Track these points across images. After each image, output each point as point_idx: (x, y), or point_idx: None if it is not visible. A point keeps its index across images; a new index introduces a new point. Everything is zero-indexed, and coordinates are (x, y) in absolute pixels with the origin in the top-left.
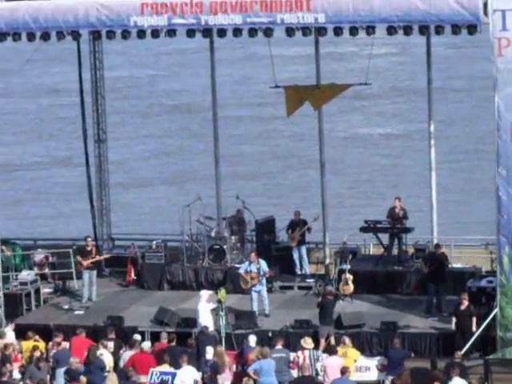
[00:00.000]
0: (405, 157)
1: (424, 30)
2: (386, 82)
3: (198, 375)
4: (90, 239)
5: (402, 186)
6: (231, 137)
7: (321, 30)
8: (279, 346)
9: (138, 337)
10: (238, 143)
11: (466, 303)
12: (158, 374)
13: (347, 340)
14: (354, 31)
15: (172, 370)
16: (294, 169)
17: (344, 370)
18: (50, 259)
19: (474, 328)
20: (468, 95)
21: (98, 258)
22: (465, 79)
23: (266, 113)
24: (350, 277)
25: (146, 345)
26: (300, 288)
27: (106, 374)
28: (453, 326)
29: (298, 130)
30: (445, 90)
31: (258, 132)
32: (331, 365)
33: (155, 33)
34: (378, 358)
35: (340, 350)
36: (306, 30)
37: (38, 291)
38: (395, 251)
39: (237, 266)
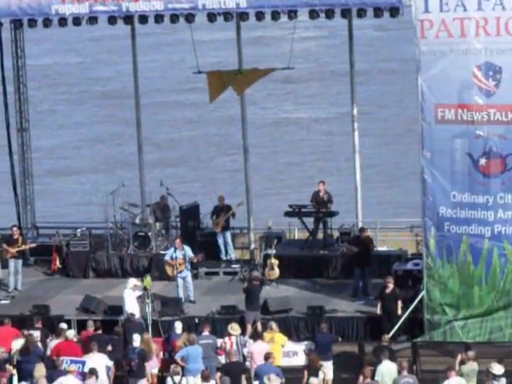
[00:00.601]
0: (335, 140)
1: (346, 13)
2: (316, 65)
3: (110, 362)
4: (15, 228)
5: (332, 170)
6: (161, 122)
7: (242, 15)
8: (206, 333)
9: (64, 325)
10: (168, 129)
11: (390, 286)
12: (69, 362)
13: (274, 325)
14: (275, 15)
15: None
16: (224, 154)
17: (267, 356)
18: None
19: (399, 311)
20: (398, 77)
21: (24, 246)
22: (394, 61)
23: (196, 98)
24: (275, 262)
25: (71, 333)
26: (225, 274)
27: None
28: (378, 310)
29: (228, 115)
30: (374, 73)
31: (188, 117)
32: (257, 351)
33: (76, 20)
34: (306, 342)
35: (267, 335)
36: (227, 15)
37: None
38: (320, 235)
39: (162, 252)
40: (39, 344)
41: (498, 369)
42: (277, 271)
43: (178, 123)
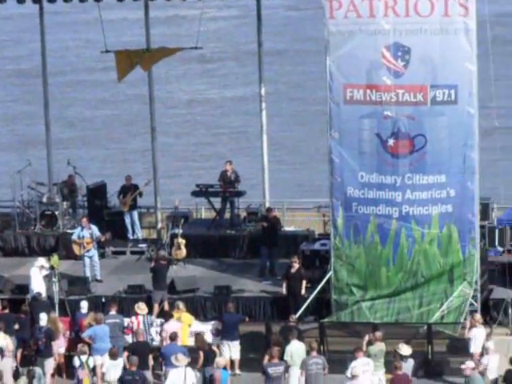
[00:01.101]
0: (249, 119)
1: None
2: (230, 44)
3: (10, 341)
4: None
5: (244, 150)
6: (74, 101)
7: None
8: (113, 312)
9: None
10: (81, 108)
11: (296, 266)
12: None
13: (181, 305)
14: None
15: None
16: (136, 133)
17: (173, 336)
18: None
19: (303, 291)
20: (312, 57)
21: None
22: (309, 41)
23: (109, 77)
24: (182, 241)
25: None
26: (132, 253)
27: None
28: (284, 290)
29: (141, 94)
30: (288, 53)
31: (101, 97)
32: (169, 330)
33: None
34: (213, 322)
35: (174, 314)
36: None
37: None
38: (227, 215)
39: (69, 231)
40: None
41: (405, 350)
42: (184, 251)
43: (92, 102)
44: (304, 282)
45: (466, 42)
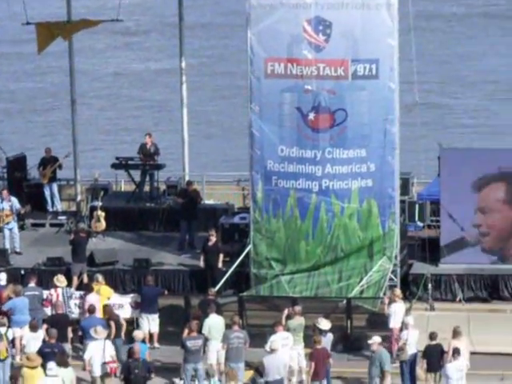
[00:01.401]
0: (173, 92)
1: None
2: (155, 17)
3: None
4: None
5: (167, 122)
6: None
7: None
8: (32, 284)
9: None
10: (5, 82)
11: (213, 239)
12: None
13: (100, 277)
14: None
15: None
16: (62, 106)
17: (92, 309)
18: None
19: (220, 264)
20: (236, 30)
21: None
22: (233, 15)
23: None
24: (101, 214)
25: None
26: (52, 225)
27: None
28: (201, 263)
29: (66, 66)
30: (212, 26)
31: (26, 69)
32: (89, 303)
33: None
34: (132, 295)
35: (93, 287)
36: None
37: None
38: (147, 188)
39: None
40: None
41: (324, 324)
42: (103, 223)
43: (15, 74)
44: (221, 256)
45: (388, 16)
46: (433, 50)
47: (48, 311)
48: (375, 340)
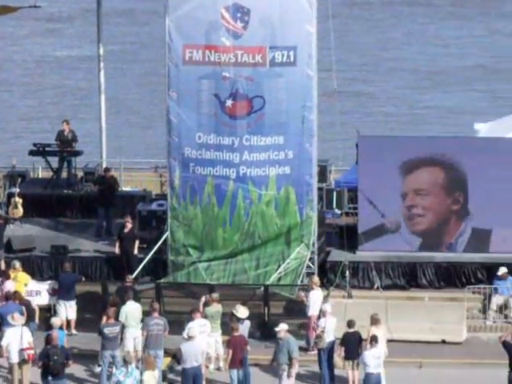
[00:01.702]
0: (94, 79)
1: None
2: (77, 3)
3: None
4: None
5: (87, 109)
6: None
7: None
8: None
9: None
10: None
11: (129, 226)
12: None
13: (17, 264)
14: None
15: None
16: None
17: (9, 295)
18: None
19: (135, 251)
20: (158, 17)
21: None
22: (154, 1)
23: None
24: (19, 200)
25: None
26: None
27: None
28: (117, 249)
29: None
30: (136, 13)
31: None
32: (9, 289)
33: None
34: (49, 282)
35: (10, 274)
36: None
37: None
38: (65, 174)
39: None
40: None
41: (241, 311)
42: (20, 210)
43: None
44: (137, 242)
45: (307, 3)
46: (354, 37)
47: None
48: (282, 327)
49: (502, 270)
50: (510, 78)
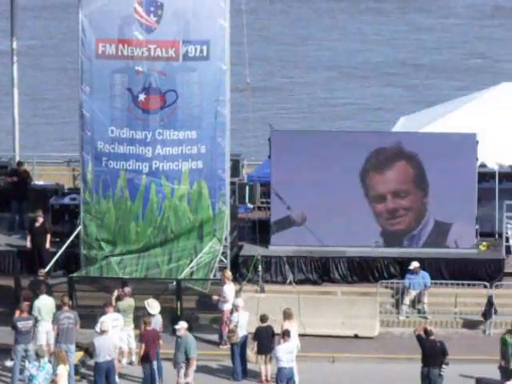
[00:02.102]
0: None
1: None
2: None
3: None
4: None
5: (3, 103)
6: None
7: None
8: None
9: None
10: None
11: (40, 220)
12: None
13: None
14: None
15: None
16: None
17: None
18: None
19: (47, 245)
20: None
21: None
22: None
23: None
24: None
25: None
26: None
27: None
28: (28, 243)
29: None
30: (50, 7)
31: None
32: None
33: None
34: None
35: None
36: None
37: None
38: None
39: None
40: None
41: (153, 306)
42: None
43: None
44: (49, 236)
45: None
46: (275, 32)
47: None
48: (182, 325)
49: (414, 265)
50: (429, 73)
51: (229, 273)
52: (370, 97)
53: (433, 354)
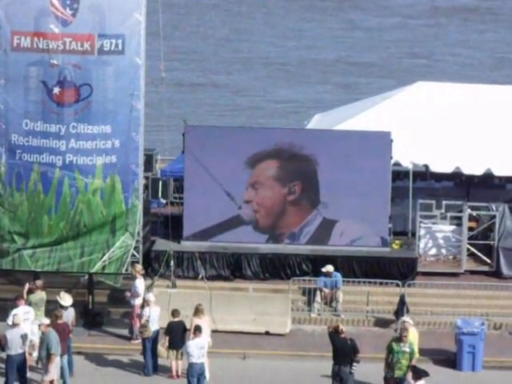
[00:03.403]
0: None
1: None
2: None
3: None
4: None
5: None
6: None
7: None
8: None
9: None
10: None
11: None
12: None
13: None
14: None
15: None
16: None
17: None
18: None
19: None
20: None
21: None
22: None
23: None
24: None
25: None
26: None
27: None
28: None
29: None
30: None
31: None
32: None
33: None
34: None
35: None
36: None
37: None
38: None
39: None
40: None
41: (66, 299)
42: None
43: None
44: None
45: None
46: (210, 27)
47: None
48: (43, 322)
49: (328, 268)
50: (364, 71)
51: (139, 267)
52: (305, 94)
53: (344, 351)
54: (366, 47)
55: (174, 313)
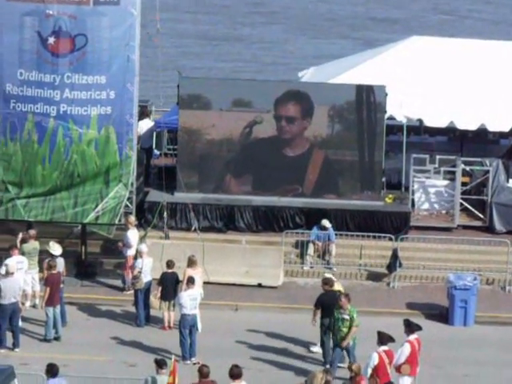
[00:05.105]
0: None
1: None
2: None
3: None
4: None
5: None
6: None
7: None
8: None
9: None
10: None
11: None
12: None
13: None
14: None
15: None
16: None
17: None
18: None
19: None
20: None
21: None
22: None
23: None
24: None
25: None
26: None
27: None
28: None
29: None
30: None
31: None
32: None
33: None
34: None
35: None
36: None
37: None
38: None
39: None
40: None
41: (56, 248)
42: None
43: None
44: None
45: None
46: None
47: None
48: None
49: (325, 223)
50: (388, 27)
51: (132, 218)
52: (325, 50)
53: (332, 304)
54: (391, 3)
55: (169, 263)
